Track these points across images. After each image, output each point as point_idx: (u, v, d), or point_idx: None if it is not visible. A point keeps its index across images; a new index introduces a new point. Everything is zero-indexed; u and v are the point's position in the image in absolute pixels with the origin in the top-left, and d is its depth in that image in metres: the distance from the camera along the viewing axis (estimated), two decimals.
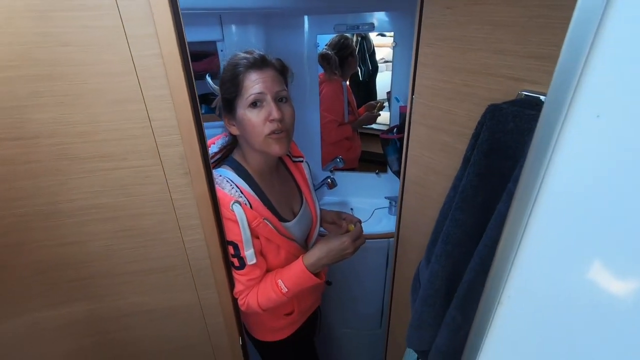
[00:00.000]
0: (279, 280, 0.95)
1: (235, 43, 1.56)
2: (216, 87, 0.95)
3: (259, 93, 0.86)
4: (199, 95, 0.81)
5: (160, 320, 1.02)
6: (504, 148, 0.64)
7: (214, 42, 1.57)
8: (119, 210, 0.84)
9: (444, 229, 0.75)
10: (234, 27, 1.54)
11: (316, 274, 0.97)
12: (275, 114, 0.86)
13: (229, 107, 0.91)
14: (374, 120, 2.07)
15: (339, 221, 1.14)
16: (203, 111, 0.84)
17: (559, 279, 0.34)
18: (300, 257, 0.98)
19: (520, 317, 0.38)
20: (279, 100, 0.90)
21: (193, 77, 0.77)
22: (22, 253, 0.83)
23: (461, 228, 0.71)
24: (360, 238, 1.01)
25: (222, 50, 1.58)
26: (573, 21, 0.29)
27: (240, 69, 0.88)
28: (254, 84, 0.86)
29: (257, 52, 0.90)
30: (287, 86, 0.94)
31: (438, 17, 0.76)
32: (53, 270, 0.87)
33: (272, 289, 0.95)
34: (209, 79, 0.94)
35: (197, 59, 1.61)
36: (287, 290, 0.95)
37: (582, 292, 0.33)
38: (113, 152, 0.77)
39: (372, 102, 2.07)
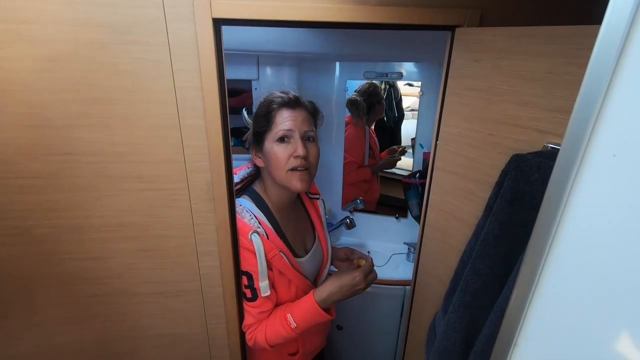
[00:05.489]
0: (288, 315, 0.94)
1: (269, 82, 1.65)
2: (249, 121, 1.00)
3: (288, 129, 0.91)
4: (230, 129, 0.85)
5: (167, 347, 1.01)
6: (527, 198, 0.63)
7: (249, 81, 1.68)
8: (144, 230, 0.86)
9: (463, 278, 0.73)
10: (269, 68, 1.65)
11: (326, 310, 0.95)
12: (300, 151, 0.90)
13: (258, 139, 0.96)
14: (393, 165, 2.09)
15: (352, 255, 1.13)
16: (232, 143, 0.89)
17: (570, 327, 0.33)
18: (311, 292, 0.97)
19: (540, 344, 0.38)
20: (306, 139, 0.94)
21: (228, 110, 0.83)
22: (50, 263, 0.87)
23: (481, 278, 0.69)
24: (372, 273, 0.99)
25: (256, 89, 1.68)
26: (586, 77, 0.30)
27: (274, 105, 0.94)
28: (285, 120, 0.92)
29: (293, 93, 0.97)
30: (316, 128, 0.99)
31: (466, 69, 0.79)
32: (75, 283, 0.90)
33: (281, 323, 0.93)
34: (245, 113, 1.01)
35: (232, 95, 1.71)
36: (296, 325, 0.93)
37: (595, 343, 0.32)
38: (146, 174, 0.82)
39: (394, 146, 2.10)
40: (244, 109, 1.01)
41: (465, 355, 0.72)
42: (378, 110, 1.99)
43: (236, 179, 1.04)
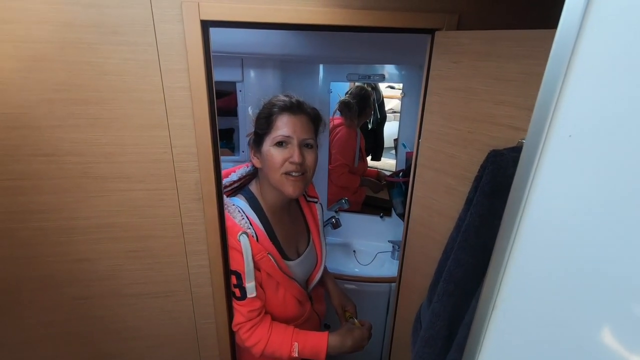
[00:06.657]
0: (295, 344, 0.97)
1: (253, 85, 1.66)
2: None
3: (286, 135, 0.92)
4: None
5: (157, 348, 1.00)
6: (504, 191, 0.67)
7: (233, 83, 1.68)
8: (131, 231, 0.86)
9: (446, 269, 0.76)
10: (253, 71, 1.66)
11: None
12: (296, 158, 0.91)
13: (258, 140, 0.97)
14: (378, 188, 2.14)
15: (340, 312, 1.21)
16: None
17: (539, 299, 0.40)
18: (326, 334, 1.00)
19: (512, 319, 0.44)
20: (304, 145, 0.95)
21: (216, 110, 0.84)
22: (33, 267, 0.85)
23: (463, 267, 0.72)
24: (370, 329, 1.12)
25: (240, 91, 1.69)
26: (545, 73, 0.35)
27: (275, 109, 0.94)
28: (284, 125, 0.92)
29: (296, 98, 0.97)
30: (317, 134, 1.00)
31: (445, 70, 0.83)
32: (62, 286, 0.88)
33: (284, 346, 0.96)
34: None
35: (217, 96, 1.71)
36: (296, 355, 0.97)
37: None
38: (133, 174, 0.82)
39: (384, 173, 2.17)
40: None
41: (449, 342, 0.75)
42: (367, 113, 2.04)
43: (234, 177, 1.05)
